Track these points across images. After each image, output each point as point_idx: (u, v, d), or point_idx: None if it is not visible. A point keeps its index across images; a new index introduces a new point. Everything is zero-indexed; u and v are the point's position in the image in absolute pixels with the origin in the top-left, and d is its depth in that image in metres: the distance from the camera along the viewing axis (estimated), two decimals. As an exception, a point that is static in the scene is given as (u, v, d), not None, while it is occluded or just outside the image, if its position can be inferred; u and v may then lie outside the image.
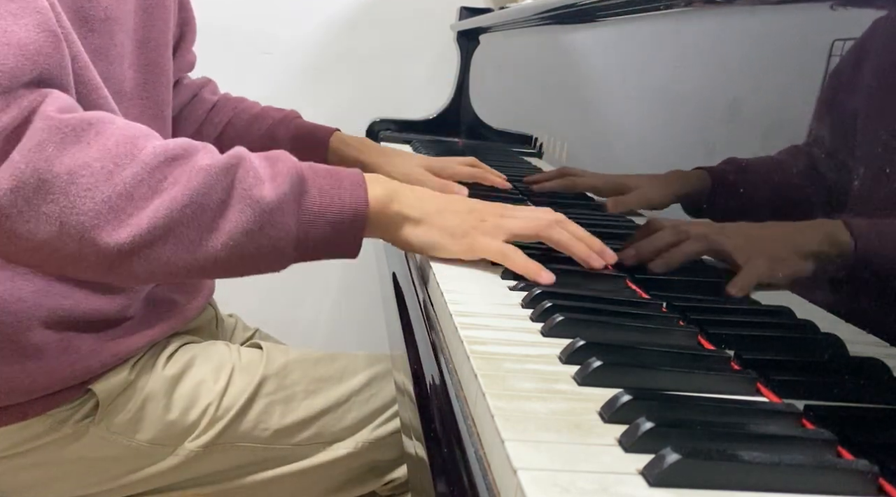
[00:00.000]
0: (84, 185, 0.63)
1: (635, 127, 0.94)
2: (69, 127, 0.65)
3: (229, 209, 0.68)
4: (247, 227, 0.68)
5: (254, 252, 0.69)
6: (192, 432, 0.91)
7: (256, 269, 0.72)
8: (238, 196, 0.68)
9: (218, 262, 0.68)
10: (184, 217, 0.66)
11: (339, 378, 0.98)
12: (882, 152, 0.50)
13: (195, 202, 0.66)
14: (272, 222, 0.69)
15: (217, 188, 0.67)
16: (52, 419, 0.86)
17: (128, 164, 0.65)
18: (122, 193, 0.64)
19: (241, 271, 0.72)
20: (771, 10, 0.67)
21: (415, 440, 0.57)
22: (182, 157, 0.68)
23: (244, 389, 0.93)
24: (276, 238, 0.70)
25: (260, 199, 0.68)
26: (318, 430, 0.96)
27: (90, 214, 0.64)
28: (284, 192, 0.69)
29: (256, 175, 0.69)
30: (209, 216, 0.67)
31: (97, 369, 0.86)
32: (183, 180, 0.66)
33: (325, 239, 0.72)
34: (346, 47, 1.99)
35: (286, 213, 0.70)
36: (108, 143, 0.65)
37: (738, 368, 0.57)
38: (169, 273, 0.68)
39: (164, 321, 0.94)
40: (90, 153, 0.64)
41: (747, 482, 0.41)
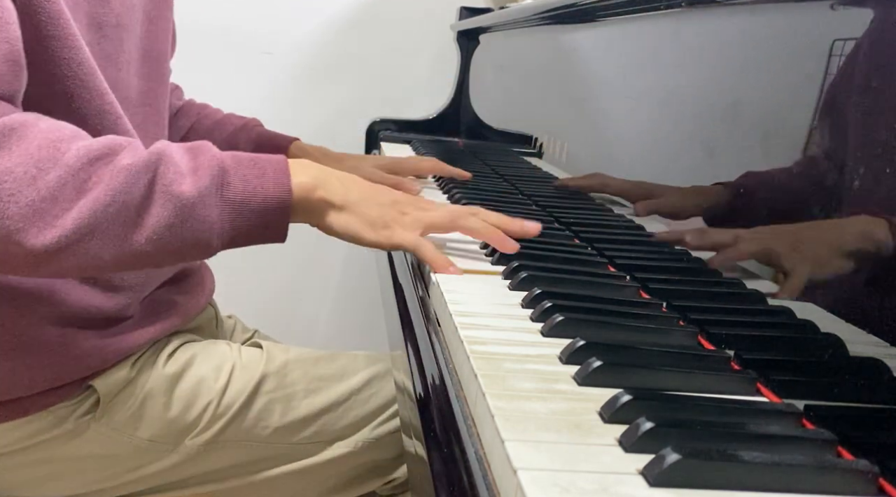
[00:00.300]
0: (7, 191, 0.65)
1: (635, 127, 0.94)
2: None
3: (151, 205, 0.70)
4: (169, 222, 0.70)
5: (178, 245, 0.71)
6: (192, 430, 0.91)
7: (182, 259, 0.74)
8: (159, 192, 0.70)
9: (143, 255, 0.71)
10: (108, 215, 0.68)
11: (340, 377, 0.98)
12: (883, 152, 0.50)
13: (118, 200, 0.68)
14: (194, 216, 0.71)
15: (139, 185, 0.69)
16: (54, 416, 0.86)
17: (51, 168, 0.67)
18: (46, 197, 0.66)
19: (169, 262, 0.74)
20: (771, 10, 0.67)
21: (414, 439, 0.57)
22: (105, 156, 0.69)
23: (244, 387, 0.93)
24: (199, 231, 0.72)
25: (180, 195, 0.70)
26: (319, 429, 0.96)
27: (14, 218, 0.65)
28: (205, 185, 0.71)
29: (177, 170, 0.71)
30: (132, 213, 0.69)
31: (98, 366, 0.86)
32: (106, 179, 0.68)
33: (250, 227, 0.74)
34: (346, 47, 1.99)
35: (208, 206, 0.72)
36: (30, 148, 0.67)
37: (738, 368, 0.57)
38: (97, 267, 0.70)
39: (164, 320, 0.94)
40: (13, 159, 0.66)
41: (747, 482, 0.41)
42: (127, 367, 0.89)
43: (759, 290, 0.61)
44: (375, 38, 1.99)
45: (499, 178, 1.27)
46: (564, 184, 1.11)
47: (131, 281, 0.89)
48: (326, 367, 0.99)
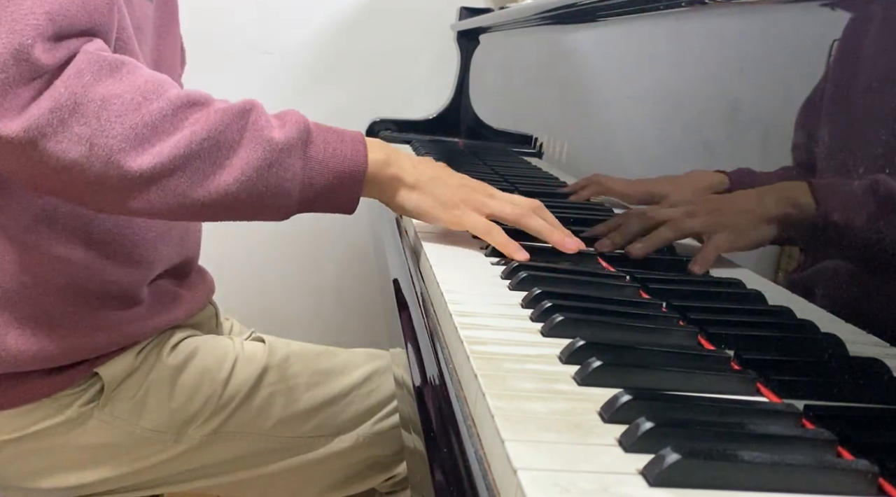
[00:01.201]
0: (115, 112, 0.70)
1: (635, 127, 0.94)
2: (106, 62, 0.72)
3: (242, 147, 0.74)
4: (258, 164, 0.74)
5: (262, 190, 0.75)
6: (195, 421, 0.92)
7: (262, 209, 0.77)
8: (250, 136, 0.75)
9: (229, 197, 0.74)
10: (201, 150, 0.73)
11: (341, 371, 0.99)
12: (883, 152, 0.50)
13: (212, 137, 0.73)
14: (281, 161, 0.75)
15: (233, 127, 0.74)
16: (58, 403, 0.87)
17: (155, 100, 0.72)
18: (148, 123, 0.71)
19: (249, 211, 0.77)
20: (771, 10, 0.67)
21: (414, 435, 0.58)
22: (202, 103, 0.75)
23: (247, 379, 0.94)
24: (283, 179, 0.76)
25: (270, 139, 0.75)
26: (320, 422, 0.97)
27: (118, 138, 0.70)
28: (293, 136, 0.76)
29: (268, 120, 0.77)
30: (224, 152, 0.74)
31: (104, 348, 0.87)
32: (202, 120, 0.74)
33: (328, 188, 0.78)
34: (346, 47, 1.99)
35: (293, 156, 0.76)
36: (138, 81, 0.73)
37: (738, 368, 0.57)
38: (183, 206, 0.74)
39: (168, 311, 0.95)
40: (122, 86, 0.71)
41: (747, 482, 0.41)
42: (131, 356, 0.90)
43: (759, 290, 0.62)
44: (375, 38, 1.99)
45: (499, 178, 1.27)
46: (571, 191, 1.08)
47: (145, 257, 0.90)
48: (328, 362, 1.00)
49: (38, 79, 0.69)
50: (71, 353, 0.85)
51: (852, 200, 0.52)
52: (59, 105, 0.69)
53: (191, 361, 0.94)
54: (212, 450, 0.93)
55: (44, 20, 0.68)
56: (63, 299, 0.84)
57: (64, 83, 0.69)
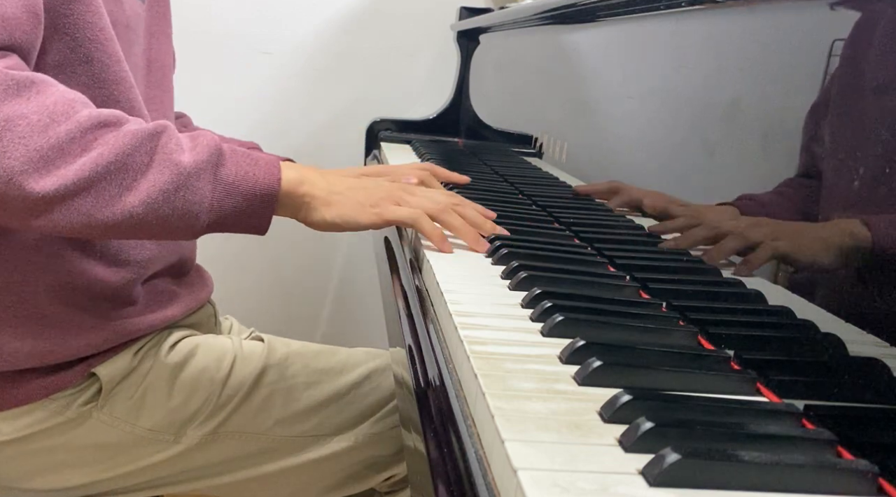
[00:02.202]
0: (19, 133, 0.69)
1: (635, 127, 0.94)
2: (14, 80, 0.70)
3: (150, 170, 0.73)
4: (164, 187, 0.74)
5: (169, 213, 0.74)
6: (194, 420, 0.92)
7: (169, 232, 0.76)
8: (159, 159, 0.74)
9: (134, 219, 0.73)
10: (108, 173, 0.72)
11: (340, 370, 0.99)
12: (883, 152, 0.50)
13: (119, 161, 0.72)
14: (188, 186, 0.75)
15: (141, 150, 0.73)
16: (56, 403, 0.87)
17: (63, 122, 0.71)
18: (54, 146, 0.70)
19: (156, 232, 0.76)
20: (771, 10, 0.67)
21: (414, 435, 0.58)
22: (113, 123, 0.74)
23: (246, 379, 0.94)
24: (191, 202, 0.75)
25: (178, 163, 0.74)
26: (319, 422, 0.97)
27: (21, 160, 0.68)
28: (203, 159, 0.76)
29: (178, 143, 0.76)
30: (131, 175, 0.73)
31: (99, 346, 0.87)
32: (111, 142, 0.72)
33: (237, 210, 0.78)
34: (346, 47, 1.99)
35: (202, 180, 0.76)
36: (46, 101, 0.71)
37: (738, 368, 0.57)
38: (88, 226, 0.72)
39: (165, 308, 0.95)
40: (30, 106, 0.70)
41: (747, 482, 0.41)
42: (129, 356, 0.90)
43: (759, 290, 0.61)
44: (375, 38, 1.99)
45: (499, 178, 1.27)
46: (584, 191, 1.07)
47: (134, 256, 0.89)
48: (327, 361, 1.00)
49: None
50: (66, 350, 0.85)
51: (852, 201, 0.52)
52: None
53: (189, 361, 0.94)
54: (211, 449, 0.93)
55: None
56: (54, 298, 0.84)
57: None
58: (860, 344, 0.50)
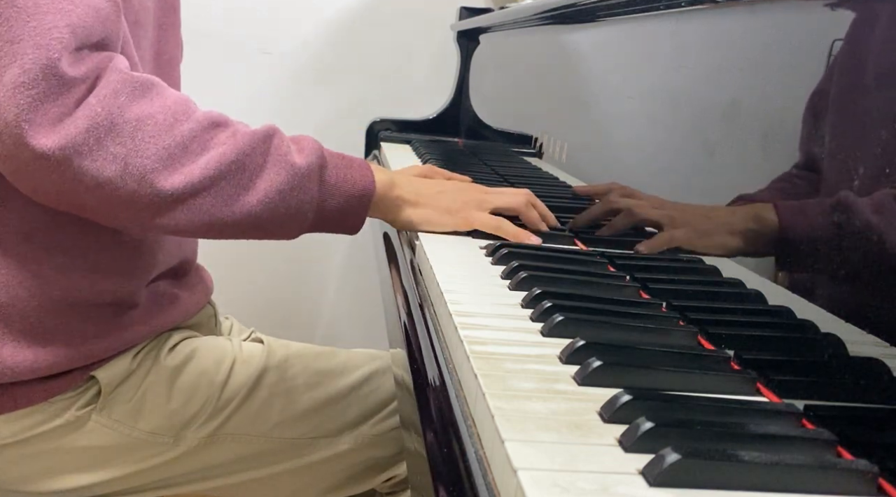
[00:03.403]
0: (149, 132, 0.72)
1: (635, 127, 0.94)
2: (139, 82, 0.74)
3: (266, 170, 0.78)
4: (281, 187, 0.78)
5: (283, 212, 0.79)
6: (193, 423, 0.92)
7: (278, 230, 0.81)
8: (273, 159, 0.78)
9: (252, 217, 0.78)
10: (229, 172, 0.76)
11: (340, 372, 0.99)
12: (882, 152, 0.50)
13: (239, 160, 0.76)
14: (301, 186, 0.79)
15: (257, 151, 0.78)
16: (55, 406, 0.87)
17: (184, 121, 0.75)
18: (180, 144, 0.74)
19: (268, 232, 0.81)
20: (771, 10, 0.67)
21: (414, 436, 0.58)
22: (224, 123, 0.78)
23: (246, 381, 0.94)
24: (303, 201, 0.80)
25: (293, 164, 0.79)
26: (319, 424, 0.96)
27: (152, 158, 0.72)
28: (312, 161, 0.81)
29: (288, 145, 0.81)
30: (247, 175, 0.77)
31: (100, 355, 0.86)
32: (230, 142, 0.77)
33: (339, 210, 0.83)
34: (346, 47, 1.99)
35: (311, 180, 0.80)
36: (167, 102, 0.75)
37: (738, 368, 0.57)
38: (208, 224, 0.77)
39: (166, 313, 0.94)
40: (154, 107, 0.74)
41: (747, 482, 0.41)
42: (128, 359, 0.89)
43: (759, 290, 0.61)
44: (375, 38, 1.99)
45: (499, 178, 1.27)
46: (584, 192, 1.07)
47: (139, 265, 0.89)
48: (327, 363, 1.00)
49: (66, 93, 0.69)
50: (67, 362, 0.84)
51: (851, 205, 0.52)
52: (95, 124, 0.70)
53: (188, 363, 0.94)
54: (211, 452, 0.93)
55: (67, 34, 0.69)
56: (58, 311, 0.83)
57: (101, 103, 0.71)
58: (860, 344, 0.50)
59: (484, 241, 0.86)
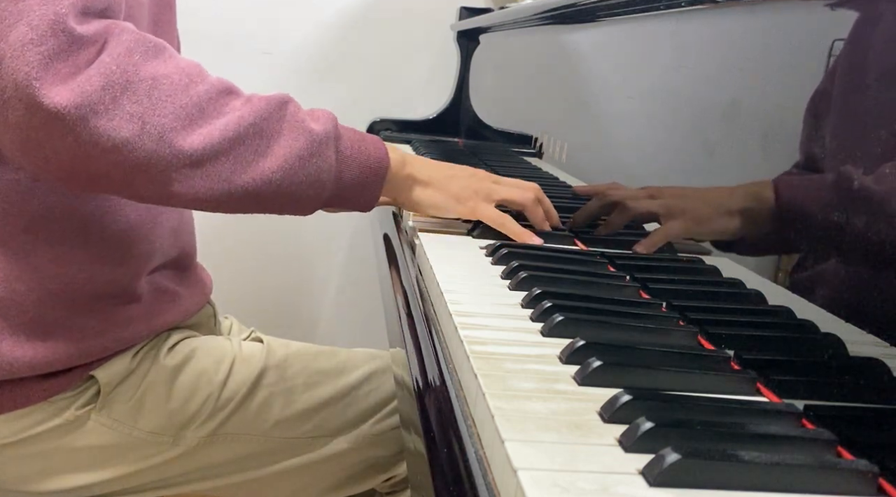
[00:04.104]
0: (165, 91, 0.70)
1: (635, 127, 0.94)
2: (152, 42, 0.72)
3: (283, 136, 0.76)
4: (300, 153, 0.76)
5: (302, 179, 0.77)
6: (193, 422, 0.91)
7: (297, 202, 0.79)
8: (290, 125, 0.77)
9: (271, 185, 0.75)
10: (247, 136, 0.74)
11: (340, 371, 0.99)
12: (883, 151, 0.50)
13: (257, 124, 0.75)
14: (320, 153, 0.78)
15: (274, 117, 0.76)
16: (54, 406, 0.87)
17: (199, 82, 0.73)
18: (196, 104, 0.72)
19: (285, 201, 0.78)
20: (771, 10, 0.67)
21: (414, 435, 0.58)
22: (238, 91, 0.77)
23: (245, 380, 0.94)
24: (321, 169, 0.78)
25: (311, 130, 0.78)
26: (319, 423, 0.96)
27: (170, 117, 0.70)
28: (329, 129, 0.79)
29: (304, 112, 0.80)
30: (265, 140, 0.75)
31: (99, 352, 0.86)
32: (247, 106, 0.75)
33: (355, 182, 0.81)
34: (346, 47, 1.99)
35: (328, 148, 0.79)
36: (180, 64, 0.74)
37: (738, 368, 0.57)
38: (226, 192, 0.74)
39: (166, 311, 0.94)
40: (168, 67, 0.72)
41: (747, 482, 0.41)
42: (128, 359, 0.89)
43: (759, 291, 0.62)
44: (375, 38, 1.99)
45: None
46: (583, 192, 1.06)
47: (136, 252, 0.89)
48: (327, 362, 1.00)
49: (77, 51, 0.67)
50: (67, 358, 0.84)
51: (852, 198, 0.52)
52: (111, 82, 0.68)
53: (188, 363, 0.94)
54: (210, 452, 0.93)
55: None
56: (57, 306, 0.83)
57: (115, 60, 0.69)
58: (860, 344, 0.50)
59: (484, 241, 0.86)
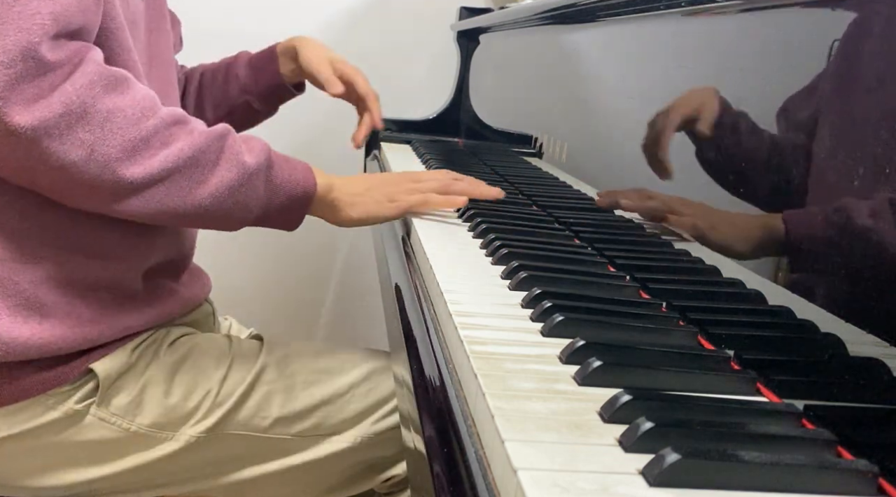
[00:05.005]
0: (118, 124, 0.77)
1: (635, 127, 0.94)
2: (112, 76, 0.78)
3: (219, 167, 0.83)
4: (231, 184, 0.84)
5: (230, 207, 0.85)
6: (191, 418, 0.92)
7: (224, 222, 0.87)
8: (227, 157, 0.84)
9: (201, 209, 0.83)
10: (184, 167, 0.81)
11: (340, 370, 0.99)
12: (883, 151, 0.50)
13: (195, 156, 0.82)
14: (249, 184, 0.85)
15: (212, 148, 0.83)
16: (53, 399, 0.87)
17: (150, 117, 0.79)
18: (144, 138, 0.78)
19: (214, 223, 0.87)
20: (771, 10, 0.67)
21: (414, 435, 0.58)
22: (185, 121, 0.83)
23: (244, 377, 0.94)
24: (250, 198, 0.86)
25: (244, 163, 0.85)
26: (318, 421, 0.96)
27: (117, 148, 0.77)
28: (261, 161, 0.87)
29: (240, 145, 0.86)
30: (201, 170, 0.82)
31: (96, 339, 0.87)
32: (188, 138, 0.82)
33: (281, 208, 0.90)
34: (345, 47, 1.98)
35: (258, 179, 0.86)
36: (136, 96, 0.79)
37: (738, 368, 0.57)
38: (161, 213, 0.82)
39: (163, 304, 0.95)
40: (125, 100, 0.78)
41: (747, 482, 0.41)
42: (127, 353, 0.90)
43: (759, 290, 0.61)
44: (375, 38, 1.99)
45: (499, 178, 1.27)
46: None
47: (134, 248, 0.90)
48: (326, 361, 1.00)
49: (43, 76, 0.72)
50: (62, 343, 0.85)
51: (850, 203, 0.52)
52: (69, 110, 0.74)
53: (188, 358, 0.94)
54: (210, 448, 0.93)
55: (49, 20, 0.72)
56: (55, 287, 0.84)
57: (76, 91, 0.74)
58: (860, 344, 0.50)
59: (480, 239, 0.86)
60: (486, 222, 0.92)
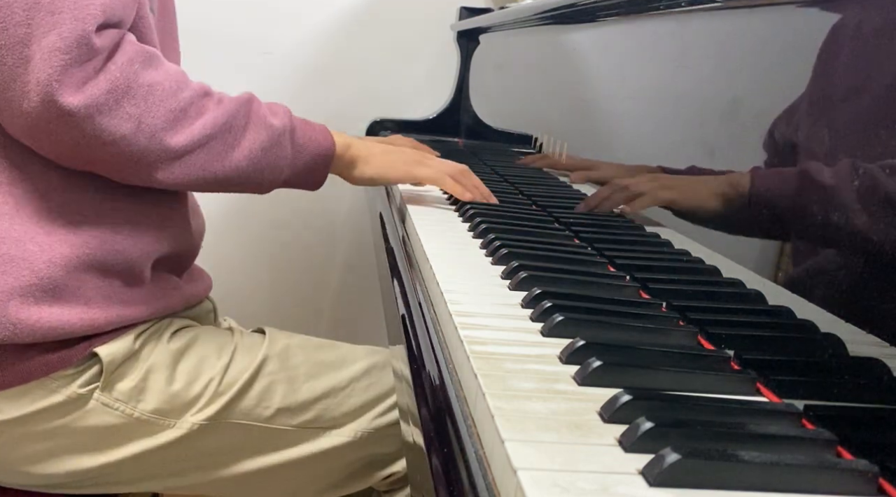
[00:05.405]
0: (158, 96, 0.84)
1: (635, 127, 0.94)
2: (147, 52, 0.85)
3: (248, 130, 0.91)
4: (263, 145, 0.92)
5: (264, 167, 0.93)
6: (194, 405, 0.93)
7: (258, 185, 0.95)
8: (255, 120, 0.92)
9: (239, 171, 0.91)
10: (219, 132, 0.89)
11: (341, 363, 1.01)
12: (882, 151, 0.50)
13: (228, 122, 0.89)
14: (279, 144, 0.93)
15: (241, 113, 0.91)
16: (56, 382, 0.88)
17: (184, 88, 0.87)
18: (183, 108, 0.86)
19: (248, 185, 0.94)
20: (771, 10, 0.67)
21: (414, 435, 0.58)
22: (212, 92, 0.91)
23: (247, 367, 0.96)
24: (280, 157, 0.94)
25: (272, 125, 0.93)
26: (319, 414, 0.97)
27: (161, 119, 0.84)
28: (286, 123, 0.95)
29: (265, 109, 0.94)
30: (234, 134, 0.90)
31: (101, 326, 0.88)
32: (219, 107, 0.89)
33: (307, 167, 0.97)
34: (346, 47, 1.99)
35: (285, 140, 0.94)
36: (170, 71, 0.87)
37: (738, 368, 0.57)
38: (200, 178, 0.89)
39: (168, 296, 0.96)
40: (160, 75, 0.85)
41: (747, 482, 0.41)
42: (130, 339, 0.91)
43: (759, 290, 0.61)
44: (375, 39, 1.99)
45: (499, 178, 1.27)
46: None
47: (142, 238, 0.92)
48: (328, 354, 1.02)
49: (91, 61, 0.79)
50: (69, 327, 0.85)
51: (850, 199, 0.52)
52: (115, 87, 0.81)
53: (191, 347, 0.95)
54: (210, 437, 0.94)
55: (99, 10, 0.79)
56: (67, 268, 0.85)
57: (119, 69, 0.81)
58: (860, 344, 0.50)
59: (480, 239, 0.86)
60: (486, 222, 0.92)
